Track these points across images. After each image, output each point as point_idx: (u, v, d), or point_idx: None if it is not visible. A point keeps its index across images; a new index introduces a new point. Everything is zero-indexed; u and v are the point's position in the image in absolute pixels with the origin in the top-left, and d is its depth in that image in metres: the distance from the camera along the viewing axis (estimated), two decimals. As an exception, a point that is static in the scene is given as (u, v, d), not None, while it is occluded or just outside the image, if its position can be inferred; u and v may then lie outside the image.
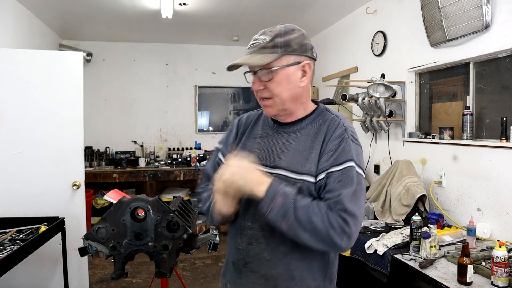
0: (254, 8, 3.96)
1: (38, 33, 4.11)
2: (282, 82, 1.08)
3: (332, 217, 0.97)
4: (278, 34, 1.07)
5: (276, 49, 1.06)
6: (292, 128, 1.15)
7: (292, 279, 1.10)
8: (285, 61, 1.07)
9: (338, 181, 1.02)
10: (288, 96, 1.10)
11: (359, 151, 1.08)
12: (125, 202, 1.94)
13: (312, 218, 0.97)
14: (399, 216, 2.68)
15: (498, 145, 2.30)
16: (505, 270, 1.66)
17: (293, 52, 1.08)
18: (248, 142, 1.21)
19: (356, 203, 1.00)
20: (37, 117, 2.75)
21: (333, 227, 0.97)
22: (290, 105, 1.11)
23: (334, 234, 0.97)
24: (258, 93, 1.13)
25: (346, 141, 1.06)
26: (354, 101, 3.32)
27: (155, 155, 5.32)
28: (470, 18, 2.37)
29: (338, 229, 0.97)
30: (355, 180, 1.02)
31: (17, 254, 1.94)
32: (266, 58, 1.06)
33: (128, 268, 2.03)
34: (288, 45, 1.07)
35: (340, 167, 1.03)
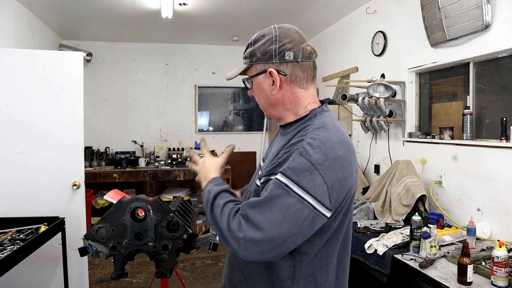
0: (254, 8, 3.96)
1: (38, 33, 4.11)
2: (256, 90, 1.12)
3: (234, 220, 0.95)
4: (249, 44, 1.11)
5: (246, 60, 1.11)
6: (285, 130, 1.14)
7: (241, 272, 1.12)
8: (254, 71, 1.09)
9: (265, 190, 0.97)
10: (265, 104, 1.13)
11: (302, 165, 0.92)
12: (125, 202, 1.94)
13: (218, 218, 0.99)
14: (399, 216, 2.68)
15: (498, 145, 2.30)
16: (505, 270, 1.66)
17: (257, 61, 1.07)
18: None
19: (260, 213, 0.91)
20: (37, 117, 2.75)
21: (230, 230, 0.94)
22: (271, 111, 1.13)
23: (230, 237, 0.94)
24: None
25: (293, 152, 0.95)
26: (354, 101, 3.32)
27: (155, 155, 5.32)
28: (470, 18, 2.37)
29: (234, 232, 0.93)
30: (273, 192, 0.93)
31: (17, 254, 1.94)
32: (240, 69, 1.13)
33: (128, 268, 2.03)
34: (253, 55, 1.08)
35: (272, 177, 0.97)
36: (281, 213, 0.90)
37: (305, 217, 0.91)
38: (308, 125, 1.03)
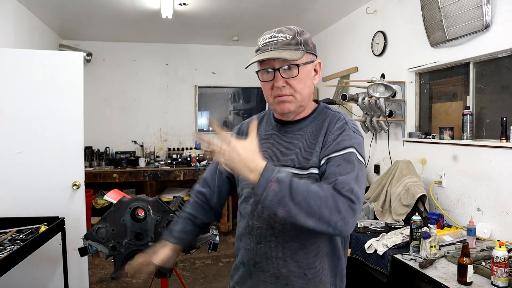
0: (254, 8, 3.95)
1: (38, 33, 4.11)
2: (303, 79, 1.11)
3: (339, 199, 0.94)
4: (297, 33, 1.11)
5: (300, 47, 1.09)
6: (295, 127, 1.17)
7: (303, 276, 1.10)
8: (306, 59, 1.11)
9: (338, 165, 1.01)
10: (307, 93, 1.14)
11: (360, 140, 1.09)
12: (125, 202, 1.94)
13: (312, 203, 0.92)
14: (399, 216, 2.68)
15: (498, 145, 2.30)
16: (505, 270, 1.66)
17: (310, 51, 1.12)
18: None
19: (360, 186, 0.99)
20: (37, 117, 2.75)
21: (339, 211, 0.93)
22: (306, 102, 1.16)
23: (339, 217, 0.93)
24: (277, 90, 1.10)
25: (347, 131, 1.08)
26: (354, 101, 3.32)
27: (155, 155, 5.32)
28: (470, 18, 2.37)
29: (345, 211, 0.93)
30: (356, 165, 1.02)
31: (17, 254, 1.94)
32: (295, 54, 1.08)
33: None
34: (307, 44, 1.11)
35: (340, 153, 1.04)
36: (364, 182, 1.06)
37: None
38: (332, 113, 1.16)
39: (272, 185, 0.92)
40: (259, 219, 1.13)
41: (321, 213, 0.92)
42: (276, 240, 1.11)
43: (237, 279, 1.21)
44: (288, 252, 1.10)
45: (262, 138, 1.20)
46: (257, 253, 1.14)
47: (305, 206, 0.92)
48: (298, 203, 0.91)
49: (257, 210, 1.14)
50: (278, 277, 1.11)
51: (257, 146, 0.98)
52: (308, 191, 0.93)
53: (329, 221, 0.92)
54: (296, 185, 0.93)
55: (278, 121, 1.21)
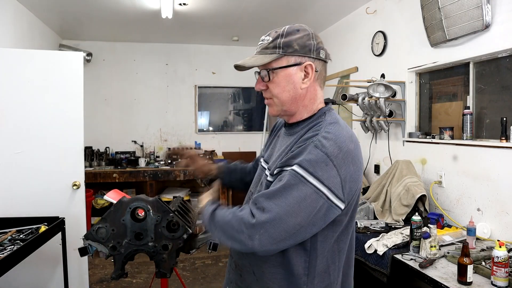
0: (254, 8, 3.96)
1: (38, 33, 4.11)
2: (281, 83, 1.07)
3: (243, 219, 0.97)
4: (280, 35, 1.07)
5: (276, 50, 1.06)
6: (290, 130, 1.16)
7: (252, 274, 1.12)
8: (285, 62, 1.06)
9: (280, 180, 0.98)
10: (287, 98, 1.09)
11: (318, 157, 0.94)
12: (125, 202, 1.94)
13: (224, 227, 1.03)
14: (399, 216, 2.68)
15: (498, 145, 2.30)
16: (505, 270, 1.66)
17: (293, 53, 1.06)
18: (270, 140, 1.31)
19: (276, 203, 0.93)
20: (37, 117, 2.75)
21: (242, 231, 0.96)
22: (290, 106, 1.10)
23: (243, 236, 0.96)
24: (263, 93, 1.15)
25: (310, 146, 0.97)
26: (354, 101, 3.32)
27: (155, 155, 5.32)
28: (470, 18, 2.37)
29: (247, 229, 0.95)
30: (289, 182, 0.94)
31: (17, 254, 1.94)
32: (265, 58, 1.06)
33: (128, 268, 2.03)
34: (288, 46, 1.05)
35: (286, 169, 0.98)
36: (297, 203, 0.93)
37: (319, 207, 0.94)
38: (320, 122, 1.07)
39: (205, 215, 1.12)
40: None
41: (231, 235, 1.00)
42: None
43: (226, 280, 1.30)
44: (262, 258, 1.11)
45: (277, 137, 1.26)
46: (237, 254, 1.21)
47: (220, 231, 1.05)
48: (218, 228, 1.06)
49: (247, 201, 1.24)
50: (236, 266, 1.18)
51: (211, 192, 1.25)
52: (222, 217, 1.05)
53: (238, 240, 0.98)
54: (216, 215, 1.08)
55: (285, 122, 1.22)
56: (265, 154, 1.27)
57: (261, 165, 1.24)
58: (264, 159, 1.24)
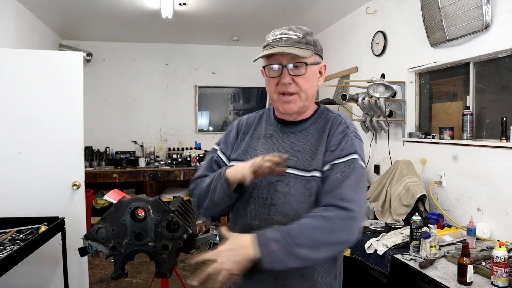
0: (254, 8, 3.95)
1: (38, 33, 4.11)
2: (310, 78, 1.12)
3: (336, 217, 0.99)
4: (307, 33, 1.12)
5: (309, 46, 1.10)
6: (297, 128, 1.18)
7: (301, 277, 1.10)
8: (314, 59, 1.12)
9: (342, 172, 1.06)
10: (311, 93, 1.14)
11: (361, 145, 1.14)
12: (125, 202, 1.94)
13: (315, 236, 0.96)
14: (399, 216, 2.68)
15: (498, 145, 2.30)
16: (505, 270, 1.66)
17: (318, 52, 1.14)
18: (252, 142, 1.22)
19: (360, 192, 1.05)
20: (37, 117, 2.75)
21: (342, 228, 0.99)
22: (310, 102, 1.16)
23: (344, 234, 0.99)
24: (283, 87, 1.10)
25: (349, 136, 1.11)
26: (354, 101, 3.32)
27: (155, 155, 5.32)
28: (470, 18, 2.37)
29: (346, 225, 0.99)
30: (357, 171, 1.06)
31: (17, 254, 1.94)
32: (305, 52, 1.09)
33: (128, 268, 2.03)
34: (315, 45, 1.13)
35: (344, 159, 1.07)
36: (364, 187, 1.09)
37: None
38: (332, 115, 1.18)
39: (272, 247, 0.95)
40: (259, 219, 1.13)
41: (327, 241, 0.97)
42: None
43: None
44: None
45: (262, 137, 1.21)
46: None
47: (313, 246, 0.96)
48: (306, 246, 0.95)
49: (257, 210, 1.13)
50: (276, 278, 1.11)
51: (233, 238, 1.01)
52: (305, 229, 0.97)
53: (337, 242, 0.99)
54: (294, 233, 0.96)
55: (280, 121, 1.21)
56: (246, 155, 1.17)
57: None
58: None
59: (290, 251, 0.95)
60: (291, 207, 1.10)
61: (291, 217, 1.09)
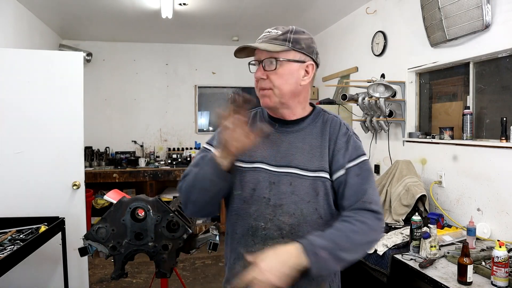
0: (254, 8, 3.96)
1: (38, 33, 4.11)
2: (284, 75, 1.11)
3: (369, 220, 1.05)
4: (289, 31, 1.12)
5: (286, 43, 1.10)
6: (294, 127, 1.17)
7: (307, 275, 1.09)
8: (292, 56, 1.11)
9: (357, 175, 1.10)
10: (288, 91, 1.12)
11: (361, 144, 1.19)
12: (125, 202, 1.94)
13: (354, 240, 1.02)
14: (399, 216, 2.68)
15: (498, 145, 2.30)
16: (505, 270, 1.66)
17: (300, 50, 1.11)
18: None
19: (376, 193, 1.13)
20: (37, 117, 2.75)
21: (374, 230, 1.07)
22: (288, 100, 1.14)
23: (376, 234, 1.09)
24: (259, 83, 1.14)
25: (352, 138, 1.15)
26: (354, 101, 3.32)
27: (155, 155, 5.32)
28: (470, 18, 2.37)
29: (377, 226, 1.07)
30: (371, 172, 1.14)
31: (17, 254, 1.94)
32: (276, 47, 1.09)
33: (128, 268, 2.03)
34: (297, 42, 1.11)
35: (356, 162, 1.12)
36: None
37: None
38: (327, 116, 1.20)
39: (319, 253, 0.96)
40: (264, 220, 1.11)
41: (364, 242, 1.05)
42: (284, 241, 1.09)
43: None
44: None
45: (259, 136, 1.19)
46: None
47: (353, 249, 1.03)
48: (348, 249, 1.01)
49: (261, 211, 1.11)
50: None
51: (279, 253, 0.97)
52: (347, 235, 1.02)
53: (370, 242, 1.08)
54: (336, 238, 1.01)
55: (275, 120, 1.20)
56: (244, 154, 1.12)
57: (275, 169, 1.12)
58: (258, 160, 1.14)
59: (336, 256, 0.99)
60: (297, 207, 1.10)
61: (297, 217, 1.09)
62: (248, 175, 1.14)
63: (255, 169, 1.14)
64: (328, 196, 1.12)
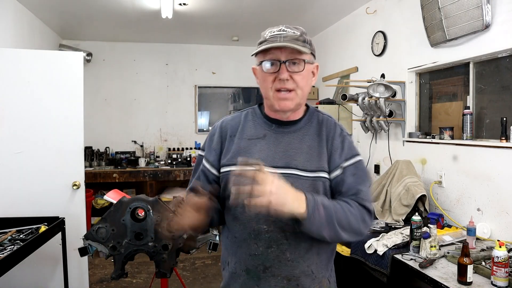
0: (254, 8, 3.95)
1: (38, 33, 4.11)
2: (306, 76, 1.12)
3: (364, 212, 1.09)
4: (303, 32, 1.12)
5: (306, 44, 1.11)
6: (291, 128, 1.17)
7: (311, 274, 1.13)
8: (309, 58, 1.12)
9: (353, 174, 1.13)
10: (307, 92, 1.15)
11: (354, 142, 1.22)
12: (125, 202, 1.94)
13: (349, 219, 1.06)
14: (399, 216, 2.68)
15: (498, 145, 2.30)
16: (505, 270, 1.66)
17: (313, 52, 1.15)
18: (242, 143, 1.16)
19: (369, 190, 1.16)
20: (37, 117, 2.75)
21: (366, 222, 1.10)
22: (304, 101, 1.17)
23: (365, 227, 1.10)
24: (281, 83, 1.08)
25: (347, 138, 1.18)
26: (354, 101, 3.32)
27: (155, 155, 5.32)
28: (470, 18, 2.37)
29: (368, 220, 1.11)
30: (365, 170, 1.18)
31: (17, 254, 1.94)
32: (304, 48, 1.08)
33: (128, 268, 2.03)
34: (311, 44, 1.14)
35: (352, 161, 1.14)
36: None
37: None
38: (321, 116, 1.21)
39: (319, 210, 1.00)
40: (267, 222, 1.09)
41: (354, 228, 1.07)
42: (288, 243, 1.10)
43: (239, 287, 1.15)
44: (300, 253, 1.11)
45: (254, 138, 1.16)
46: (268, 258, 1.10)
47: (344, 224, 1.05)
48: (339, 222, 1.04)
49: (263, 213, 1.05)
50: (290, 279, 1.11)
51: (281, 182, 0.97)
52: (344, 210, 1.06)
53: (359, 232, 1.09)
54: (335, 207, 1.05)
55: (272, 120, 1.18)
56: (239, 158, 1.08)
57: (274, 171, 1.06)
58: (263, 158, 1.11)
59: (330, 221, 1.02)
60: None
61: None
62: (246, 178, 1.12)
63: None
64: (327, 195, 1.13)
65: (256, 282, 1.12)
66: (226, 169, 1.14)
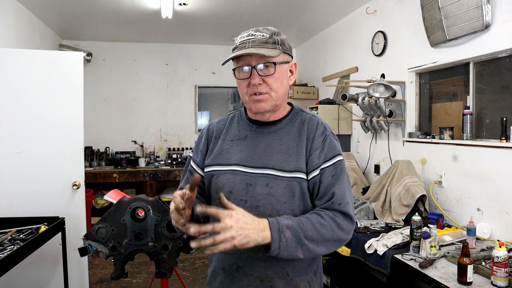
0: (254, 8, 3.96)
1: (38, 33, 4.11)
2: (279, 77, 1.11)
3: (339, 218, 1.06)
4: (274, 33, 1.12)
5: (276, 46, 1.10)
6: (272, 128, 1.18)
7: (286, 276, 1.12)
8: (282, 58, 1.12)
9: (332, 176, 1.11)
10: (282, 92, 1.14)
11: (339, 145, 1.19)
12: (125, 202, 1.94)
13: (321, 232, 1.03)
14: (399, 216, 2.68)
15: (498, 145, 2.30)
16: (505, 270, 1.66)
17: (286, 51, 1.13)
18: (225, 144, 1.20)
19: (349, 192, 1.12)
20: (37, 117, 2.75)
21: (342, 228, 1.06)
22: (281, 101, 1.16)
23: (344, 233, 1.07)
24: (254, 88, 1.10)
25: (329, 138, 1.15)
26: (354, 101, 3.32)
27: (155, 155, 5.33)
28: (470, 18, 2.37)
29: (345, 226, 1.07)
30: (345, 172, 1.14)
31: (17, 254, 1.94)
32: (272, 51, 1.08)
33: (128, 268, 2.03)
34: (283, 44, 1.12)
35: (331, 162, 1.12)
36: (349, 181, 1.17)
37: None
38: (305, 115, 1.20)
39: (285, 234, 0.98)
40: None
41: (330, 238, 1.04)
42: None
43: (218, 285, 1.20)
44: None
45: (236, 139, 1.19)
46: (241, 257, 1.12)
47: (317, 239, 1.03)
48: (311, 238, 1.02)
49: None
50: (263, 280, 1.11)
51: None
52: (314, 224, 1.03)
53: (337, 240, 1.07)
54: (303, 224, 1.02)
55: (253, 121, 1.20)
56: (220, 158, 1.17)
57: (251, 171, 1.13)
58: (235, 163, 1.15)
59: (299, 240, 1.00)
60: (273, 208, 1.10)
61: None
62: (225, 178, 1.15)
63: (232, 171, 1.14)
64: (304, 196, 1.12)
65: (231, 281, 1.15)
66: (209, 169, 1.19)
